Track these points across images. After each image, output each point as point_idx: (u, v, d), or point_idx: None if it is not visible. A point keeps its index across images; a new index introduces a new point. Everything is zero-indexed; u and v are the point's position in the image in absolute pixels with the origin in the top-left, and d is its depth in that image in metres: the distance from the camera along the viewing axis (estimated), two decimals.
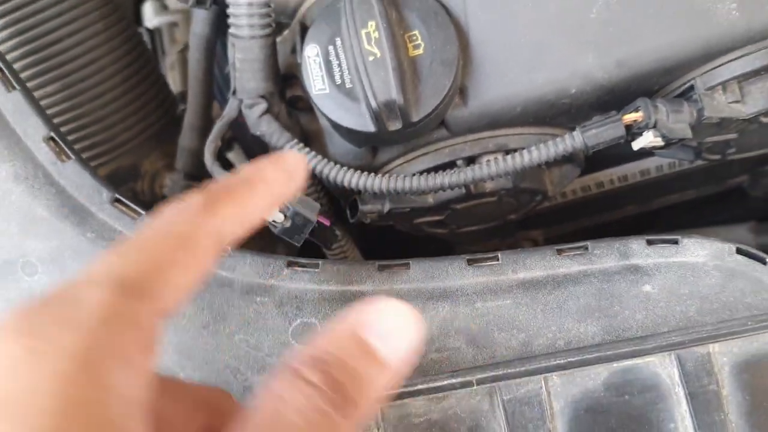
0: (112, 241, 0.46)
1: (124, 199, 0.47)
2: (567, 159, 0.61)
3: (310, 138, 0.59)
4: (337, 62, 0.51)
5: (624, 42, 0.49)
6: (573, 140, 0.50)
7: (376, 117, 0.49)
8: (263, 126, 0.54)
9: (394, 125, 0.50)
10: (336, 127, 0.53)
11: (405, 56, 0.50)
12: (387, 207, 0.58)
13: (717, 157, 0.60)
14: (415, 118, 0.50)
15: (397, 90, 0.48)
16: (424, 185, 0.51)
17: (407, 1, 0.51)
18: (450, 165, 0.55)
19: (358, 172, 0.52)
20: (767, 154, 0.64)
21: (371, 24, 0.49)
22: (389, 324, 0.28)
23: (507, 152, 0.54)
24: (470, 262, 0.46)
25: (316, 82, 0.52)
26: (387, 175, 0.52)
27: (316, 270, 0.45)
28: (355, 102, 0.50)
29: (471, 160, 0.56)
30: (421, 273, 0.45)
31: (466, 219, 0.65)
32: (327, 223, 0.55)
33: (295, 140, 0.53)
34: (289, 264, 0.45)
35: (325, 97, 0.51)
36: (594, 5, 0.49)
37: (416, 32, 0.50)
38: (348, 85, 0.51)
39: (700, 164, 0.74)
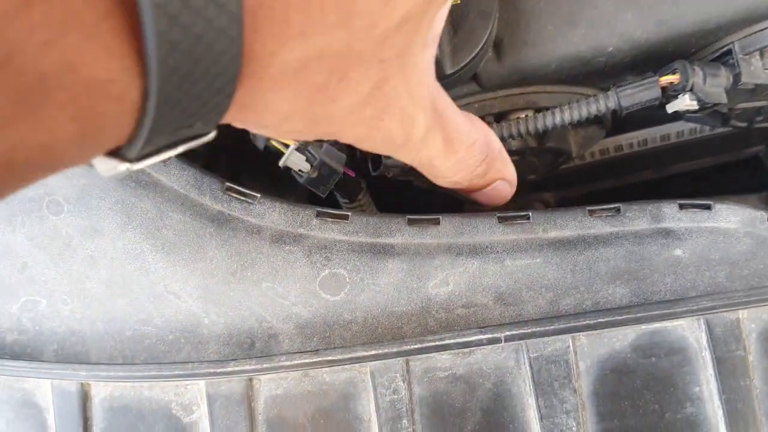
0: (141, 182, 0.45)
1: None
2: (595, 120, 0.60)
3: None
4: None
5: (665, 1, 0.48)
6: (608, 100, 0.49)
7: None
8: None
9: None
10: None
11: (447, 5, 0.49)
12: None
13: (744, 124, 0.60)
14: (449, 70, 0.49)
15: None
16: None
17: None
18: None
19: None
20: None
21: None
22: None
23: (538, 110, 0.54)
24: (501, 219, 0.45)
25: None
26: None
27: (346, 221, 0.45)
28: None
29: (500, 116, 0.55)
30: (451, 228, 0.45)
31: None
32: (352, 174, 0.54)
33: None
34: (319, 214, 0.45)
35: None
36: None
37: None
38: None
39: (721, 131, 0.73)
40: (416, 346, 0.41)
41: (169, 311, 0.44)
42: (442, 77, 0.48)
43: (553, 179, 0.84)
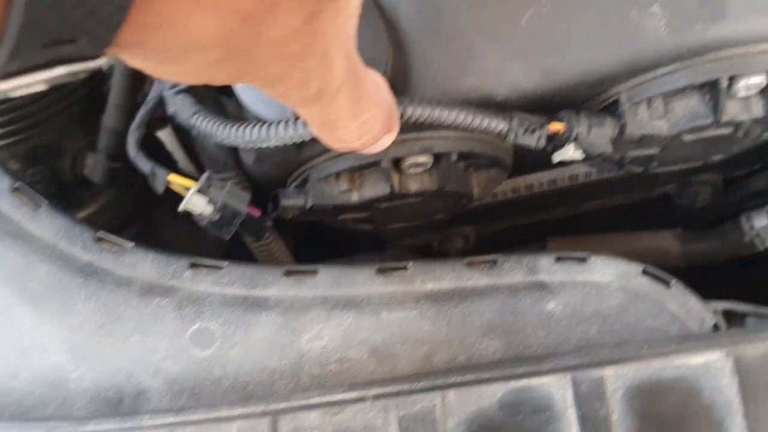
0: (8, 232, 0.44)
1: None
2: (493, 163, 0.60)
3: None
4: None
5: (552, 52, 0.48)
6: (504, 123, 0.49)
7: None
8: (177, 101, 0.51)
9: None
10: (257, 118, 0.51)
11: None
12: (310, 202, 0.56)
13: (640, 169, 0.61)
14: None
15: None
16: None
17: None
18: (374, 164, 0.54)
19: (272, 125, 0.48)
20: (693, 166, 0.64)
21: None
22: None
23: (436, 156, 0.54)
24: (380, 271, 0.45)
25: None
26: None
27: (220, 271, 0.44)
28: None
29: (396, 162, 0.55)
30: (328, 280, 0.44)
31: (392, 217, 0.65)
32: (257, 213, 0.53)
33: (205, 114, 0.50)
34: (192, 265, 0.44)
35: (246, 87, 0.49)
36: (525, 13, 0.48)
37: None
38: None
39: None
40: (283, 405, 0.40)
41: (36, 365, 0.43)
42: None
43: (474, 214, 0.84)
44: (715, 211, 0.87)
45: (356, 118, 0.36)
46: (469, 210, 0.81)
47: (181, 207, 0.48)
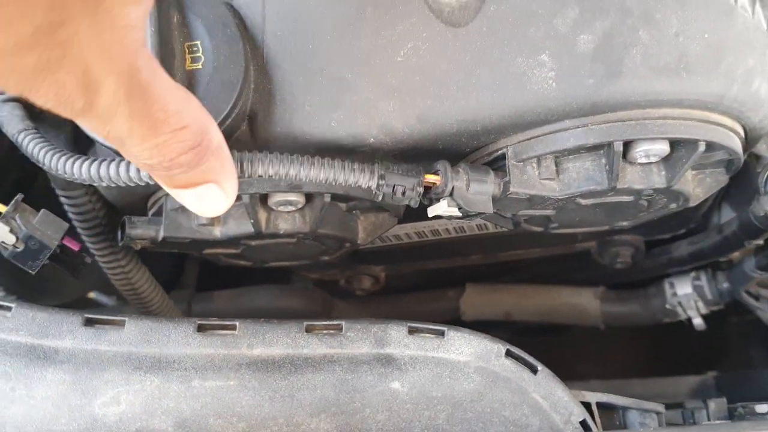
0: None
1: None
2: (381, 208, 0.55)
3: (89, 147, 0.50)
4: None
5: (429, 95, 0.43)
6: (368, 176, 0.43)
7: None
8: (4, 111, 0.45)
9: None
10: (95, 140, 0.44)
11: (180, 68, 0.42)
12: (162, 234, 0.50)
13: (540, 229, 0.56)
14: None
15: None
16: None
17: (195, 5, 0.43)
18: (236, 199, 0.48)
19: (79, 159, 0.42)
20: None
21: None
22: None
23: (308, 196, 0.48)
24: (201, 328, 0.38)
25: None
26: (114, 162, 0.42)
27: (7, 314, 0.37)
28: None
29: (263, 198, 0.49)
30: (136, 334, 0.38)
31: (269, 255, 0.58)
32: (75, 248, 0.47)
33: (32, 129, 0.44)
34: None
35: None
36: (403, 48, 0.43)
37: (198, 43, 0.43)
38: None
39: None
40: None
41: None
42: None
43: (385, 254, 0.78)
44: (641, 271, 0.83)
45: (148, 139, 0.31)
46: (374, 250, 0.76)
47: None
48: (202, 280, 0.92)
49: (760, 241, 0.61)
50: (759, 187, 0.50)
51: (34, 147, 0.42)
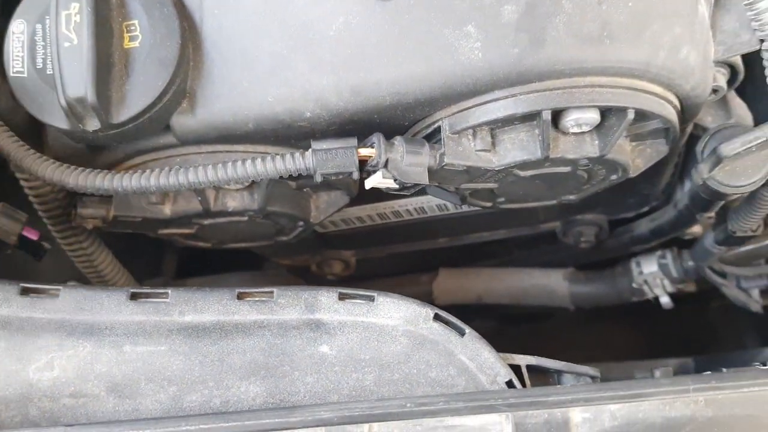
0: None
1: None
2: (332, 185, 0.56)
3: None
4: (42, 44, 0.44)
5: (361, 68, 0.44)
6: (300, 159, 0.45)
7: (69, 113, 0.42)
8: None
9: (92, 124, 0.43)
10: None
11: (118, 47, 0.44)
12: (112, 213, 0.51)
13: (487, 204, 0.56)
14: (116, 119, 0.43)
15: (90, 85, 0.41)
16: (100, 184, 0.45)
17: None
18: None
19: (36, 156, 0.45)
20: (573, 204, 0.60)
21: (74, 5, 0.42)
22: None
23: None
24: (134, 296, 0.40)
25: (15, 62, 0.45)
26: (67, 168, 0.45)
27: None
28: (52, 92, 0.43)
29: None
30: (70, 302, 0.39)
31: (223, 235, 0.59)
32: (34, 237, 0.48)
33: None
34: None
35: (22, 81, 0.44)
36: (334, 22, 0.44)
37: (135, 22, 0.44)
38: (48, 72, 0.44)
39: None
40: None
41: None
42: (107, 126, 0.43)
43: (353, 238, 0.79)
44: (606, 251, 0.83)
45: None
46: (341, 234, 0.77)
47: None
48: (182, 270, 0.93)
49: (711, 214, 0.61)
50: (696, 154, 0.51)
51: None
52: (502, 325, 1.07)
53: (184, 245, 0.61)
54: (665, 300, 0.81)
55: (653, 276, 0.81)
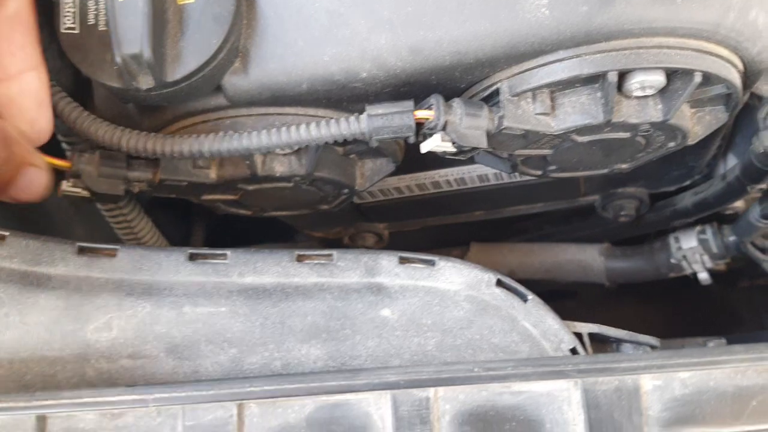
0: None
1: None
2: (378, 152, 0.54)
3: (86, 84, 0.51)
4: (94, 1, 0.43)
5: (421, 26, 0.42)
6: (356, 124, 0.44)
7: (123, 71, 0.42)
8: None
9: (146, 83, 0.42)
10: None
11: (172, 3, 0.42)
12: (159, 176, 0.50)
13: (537, 172, 0.55)
14: (170, 78, 0.42)
15: (146, 41, 0.40)
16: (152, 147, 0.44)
17: None
18: None
19: (90, 117, 0.44)
20: (618, 176, 0.58)
21: None
22: None
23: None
24: (192, 257, 0.39)
25: (66, 18, 0.43)
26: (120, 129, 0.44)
27: (2, 242, 0.38)
28: (105, 49, 0.42)
29: None
30: (128, 262, 0.38)
31: (266, 202, 0.58)
32: None
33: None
34: None
35: (73, 38, 0.43)
36: None
37: None
38: (101, 28, 0.43)
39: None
40: (50, 402, 0.34)
41: None
42: (161, 84, 0.42)
43: (387, 210, 0.78)
44: (645, 225, 0.82)
45: None
46: (377, 205, 0.76)
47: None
48: (210, 242, 0.93)
49: (764, 185, 0.60)
50: (758, 122, 0.50)
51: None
52: None
53: (225, 212, 0.60)
54: (703, 276, 0.80)
55: (692, 251, 0.79)
